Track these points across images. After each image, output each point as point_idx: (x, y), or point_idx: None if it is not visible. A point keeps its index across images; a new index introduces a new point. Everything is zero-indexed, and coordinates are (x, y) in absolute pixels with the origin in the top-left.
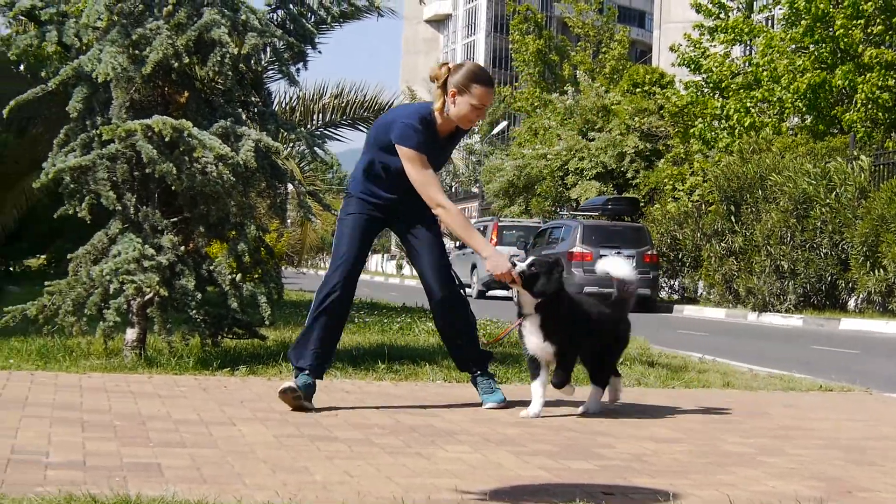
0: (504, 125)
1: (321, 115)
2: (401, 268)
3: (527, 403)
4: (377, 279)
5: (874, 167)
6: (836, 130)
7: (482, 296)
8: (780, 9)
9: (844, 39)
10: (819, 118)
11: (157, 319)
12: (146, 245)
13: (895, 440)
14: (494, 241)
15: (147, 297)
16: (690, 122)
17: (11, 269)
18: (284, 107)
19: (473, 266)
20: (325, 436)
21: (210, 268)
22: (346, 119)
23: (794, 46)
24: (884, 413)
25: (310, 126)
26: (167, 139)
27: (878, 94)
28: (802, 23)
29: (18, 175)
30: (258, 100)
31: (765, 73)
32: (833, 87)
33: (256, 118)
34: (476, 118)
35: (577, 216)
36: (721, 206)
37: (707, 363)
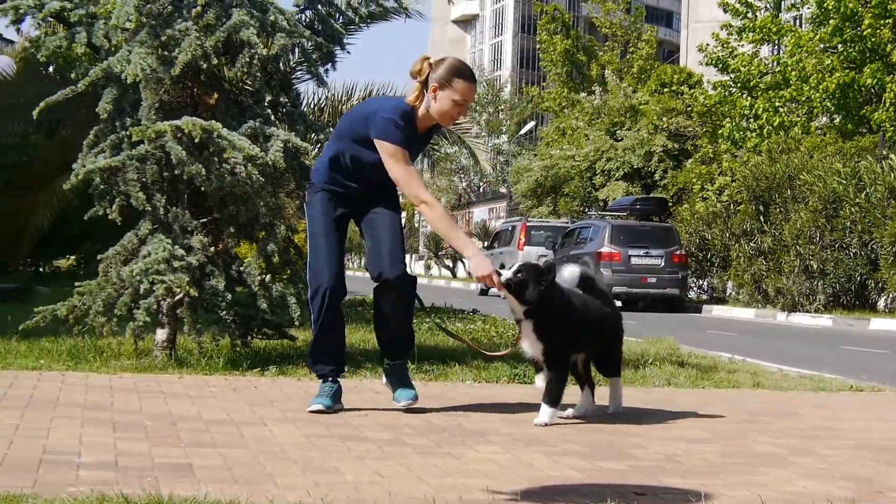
0: (532, 125)
1: None
2: (429, 268)
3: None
4: None
5: None
6: (865, 130)
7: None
8: (808, 8)
9: (873, 39)
10: (848, 117)
11: (187, 320)
12: (176, 246)
13: None
14: (522, 242)
15: (177, 298)
16: (719, 122)
17: (41, 270)
18: (313, 107)
19: (502, 266)
20: (356, 436)
21: (240, 268)
22: None
23: (823, 46)
24: None
25: None
26: (197, 140)
27: None
28: (831, 22)
29: (49, 177)
30: (287, 100)
31: (793, 73)
32: (862, 87)
33: (285, 119)
34: (457, 114)
35: (606, 216)
36: (750, 206)
37: (737, 363)
